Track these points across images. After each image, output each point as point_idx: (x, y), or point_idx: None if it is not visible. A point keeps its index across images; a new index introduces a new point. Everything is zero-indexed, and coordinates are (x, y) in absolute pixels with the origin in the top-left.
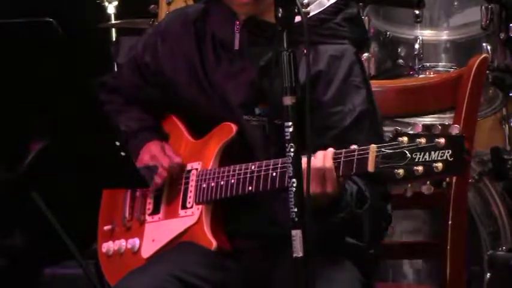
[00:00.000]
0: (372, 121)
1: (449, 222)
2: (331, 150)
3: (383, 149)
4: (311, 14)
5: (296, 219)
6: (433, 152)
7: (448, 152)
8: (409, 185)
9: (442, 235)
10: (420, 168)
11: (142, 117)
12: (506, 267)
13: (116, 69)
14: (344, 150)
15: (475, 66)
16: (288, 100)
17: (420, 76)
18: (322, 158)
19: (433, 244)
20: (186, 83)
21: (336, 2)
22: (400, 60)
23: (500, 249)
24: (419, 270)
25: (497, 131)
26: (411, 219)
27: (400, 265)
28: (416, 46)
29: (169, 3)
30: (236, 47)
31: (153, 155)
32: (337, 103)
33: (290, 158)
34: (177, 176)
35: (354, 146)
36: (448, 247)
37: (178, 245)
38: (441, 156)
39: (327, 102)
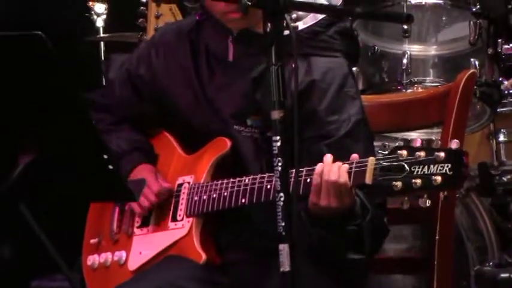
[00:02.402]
0: (367, 130)
1: (437, 237)
2: (345, 165)
3: (381, 162)
4: (305, 26)
5: (283, 233)
6: (432, 166)
7: (448, 166)
8: (406, 198)
9: (430, 250)
10: (418, 181)
11: (133, 137)
12: (492, 282)
13: (105, 86)
14: (342, 162)
15: (463, 81)
16: (276, 114)
17: (408, 91)
18: (337, 171)
19: (420, 259)
20: (180, 93)
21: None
22: (388, 75)
23: (487, 264)
24: (406, 285)
25: (485, 147)
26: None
27: (387, 279)
28: (405, 61)
29: (157, 17)
30: (230, 58)
31: (144, 179)
32: (332, 112)
33: (277, 172)
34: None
35: (355, 155)
36: (436, 262)
37: (166, 259)
38: (440, 170)
39: (322, 111)
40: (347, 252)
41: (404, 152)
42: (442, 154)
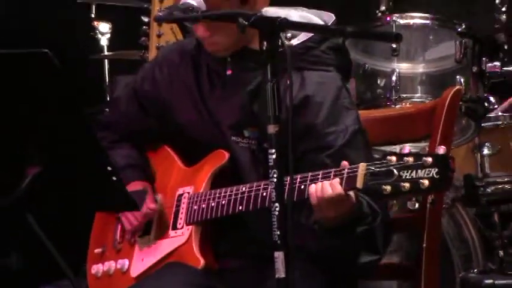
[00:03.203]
0: (365, 139)
1: (424, 245)
2: (335, 180)
3: (372, 167)
4: (298, 42)
5: (279, 241)
6: (419, 170)
7: (435, 170)
8: (394, 201)
9: (417, 257)
10: (407, 184)
11: (130, 154)
12: None
13: (110, 103)
14: (334, 169)
15: (449, 97)
16: (271, 128)
17: (397, 106)
18: (329, 186)
19: (408, 266)
20: (183, 108)
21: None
22: (378, 92)
23: (471, 271)
24: None
25: (470, 159)
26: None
27: (375, 285)
28: (394, 78)
29: (159, 36)
30: (228, 73)
31: (145, 190)
32: (329, 124)
33: (273, 183)
34: (168, 200)
35: (345, 162)
36: (423, 269)
37: (166, 265)
38: (427, 174)
39: (320, 124)
40: (360, 256)
41: (393, 158)
42: (430, 159)
